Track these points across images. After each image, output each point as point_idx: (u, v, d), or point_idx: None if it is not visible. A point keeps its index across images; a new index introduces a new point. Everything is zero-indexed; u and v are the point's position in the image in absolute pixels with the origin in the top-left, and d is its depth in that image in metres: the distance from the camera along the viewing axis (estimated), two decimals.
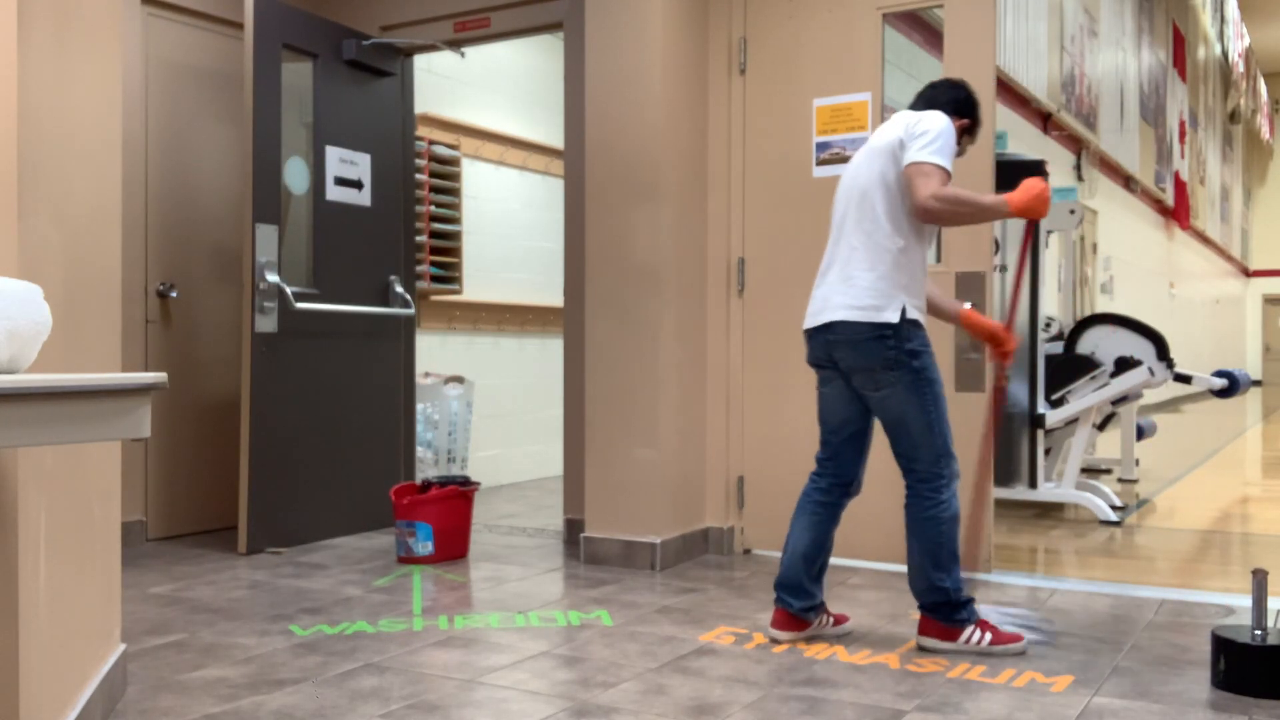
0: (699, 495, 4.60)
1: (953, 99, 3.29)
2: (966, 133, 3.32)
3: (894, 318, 3.11)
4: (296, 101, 4.82)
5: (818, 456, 3.36)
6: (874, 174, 3.19)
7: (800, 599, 3.27)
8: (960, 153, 3.29)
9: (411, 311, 5.24)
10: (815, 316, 3.25)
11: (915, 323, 3.16)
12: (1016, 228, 5.61)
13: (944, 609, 3.16)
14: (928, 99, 3.31)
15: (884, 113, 4.42)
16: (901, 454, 3.24)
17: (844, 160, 4.42)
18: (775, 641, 3.28)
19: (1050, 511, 5.76)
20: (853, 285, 3.17)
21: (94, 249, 2.47)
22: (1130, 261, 14.16)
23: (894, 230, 3.15)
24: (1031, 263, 5.59)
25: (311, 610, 3.63)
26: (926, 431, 3.18)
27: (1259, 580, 2.83)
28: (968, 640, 3.14)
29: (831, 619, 3.36)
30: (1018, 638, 3.16)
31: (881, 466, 4.36)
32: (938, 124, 3.11)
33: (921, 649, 3.19)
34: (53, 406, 1.53)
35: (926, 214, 3.08)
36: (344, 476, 4.98)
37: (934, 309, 3.40)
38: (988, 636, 3.14)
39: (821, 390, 3.33)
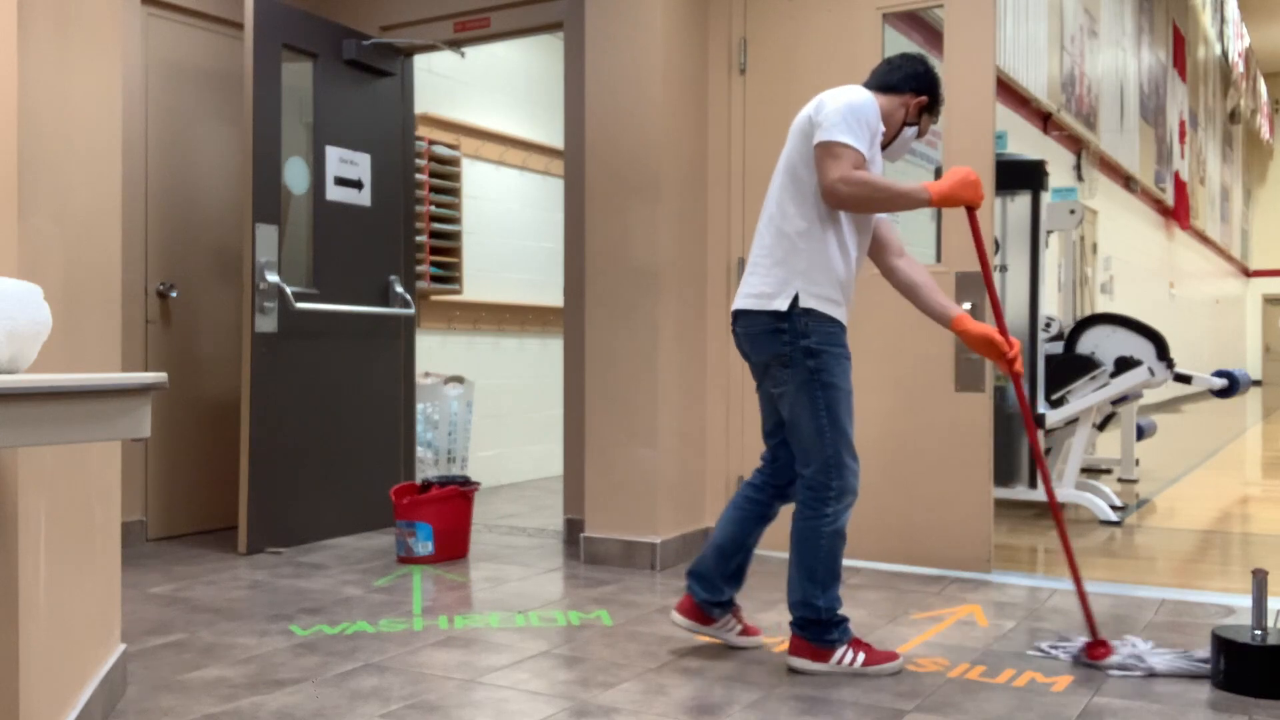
0: (699, 495, 4.60)
1: (910, 74, 3.08)
2: (927, 110, 3.11)
3: (783, 306, 2.91)
4: (296, 101, 4.82)
5: (761, 455, 3.22)
6: (784, 155, 3.03)
7: (707, 591, 3.13)
8: (921, 133, 3.13)
9: (411, 311, 5.24)
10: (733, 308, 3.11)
11: (815, 314, 2.92)
12: (1017, 229, 5.61)
13: (814, 628, 2.96)
14: (881, 76, 3.10)
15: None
16: (797, 458, 3.02)
17: None
18: (675, 624, 3.19)
19: (1050, 512, 5.76)
20: (754, 272, 3.01)
21: (94, 249, 2.47)
22: (1130, 261, 14.16)
23: (797, 213, 2.95)
24: (1031, 263, 5.59)
25: (311, 610, 3.63)
26: (816, 438, 2.94)
27: (1259, 580, 2.83)
28: (839, 661, 2.94)
29: (740, 626, 3.21)
30: (893, 656, 2.98)
31: (881, 467, 4.37)
32: (853, 99, 2.92)
33: (791, 670, 2.98)
34: (53, 406, 1.53)
35: (833, 198, 2.87)
36: (344, 476, 4.98)
37: (926, 309, 3.10)
38: (861, 656, 2.95)
39: (757, 388, 3.17)
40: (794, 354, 2.93)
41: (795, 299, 2.92)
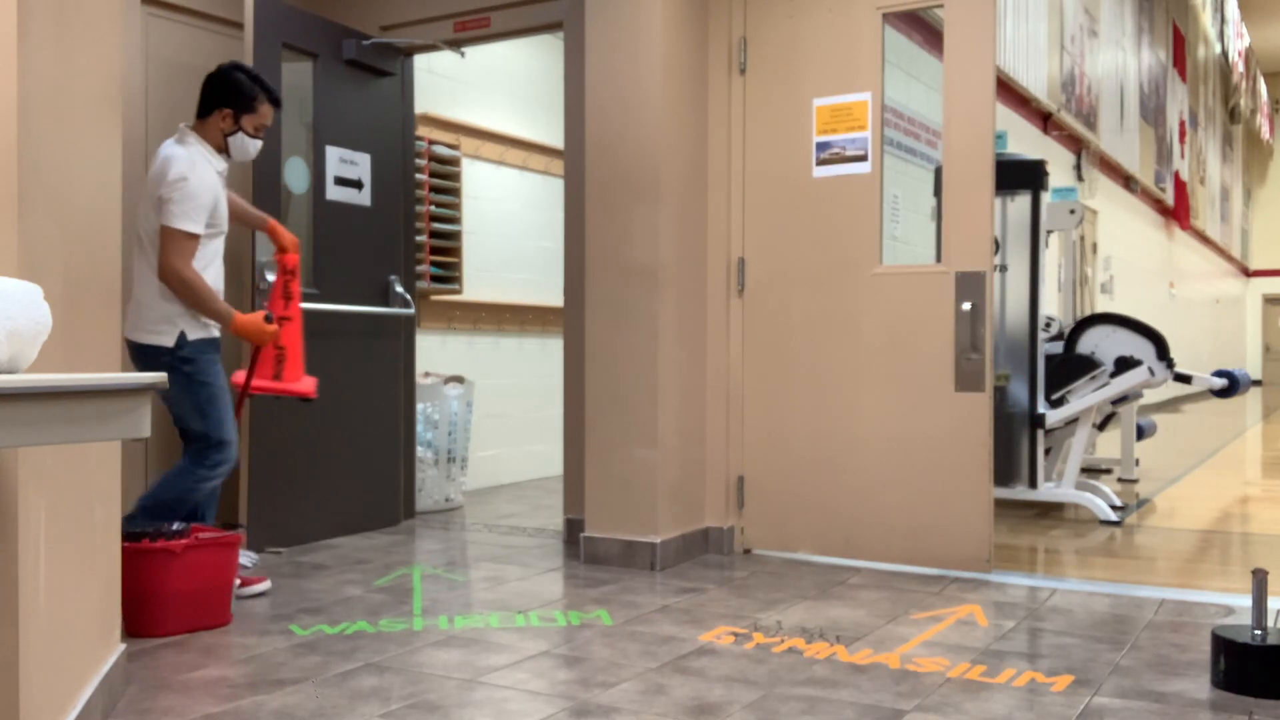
0: (699, 495, 4.60)
1: (206, 98, 3.68)
2: (243, 112, 3.67)
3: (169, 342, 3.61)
4: (296, 101, 4.82)
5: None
6: (146, 215, 3.62)
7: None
8: (254, 130, 3.71)
9: (411, 311, 5.24)
10: None
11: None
12: (1017, 229, 5.61)
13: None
14: (202, 101, 3.68)
15: (884, 113, 4.43)
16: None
17: (844, 160, 4.42)
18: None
19: (1050, 511, 5.76)
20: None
21: (94, 249, 2.47)
22: (1130, 261, 14.16)
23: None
24: (1031, 262, 5.59)
25: (311, 610, 3.63)
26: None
27: (1259, 580, 2.83)
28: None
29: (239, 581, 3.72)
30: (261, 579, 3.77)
31: (881, 467, 4.37)
32: (177, 174, 3.49)
33: None
34: (53, 406, 1.53)
35: (165, 282, 3.55)
36: (344, 476, 4.98)
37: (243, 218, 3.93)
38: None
39: None
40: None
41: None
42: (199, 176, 3.56)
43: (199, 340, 3.66)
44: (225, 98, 3.68)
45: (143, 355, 3.63)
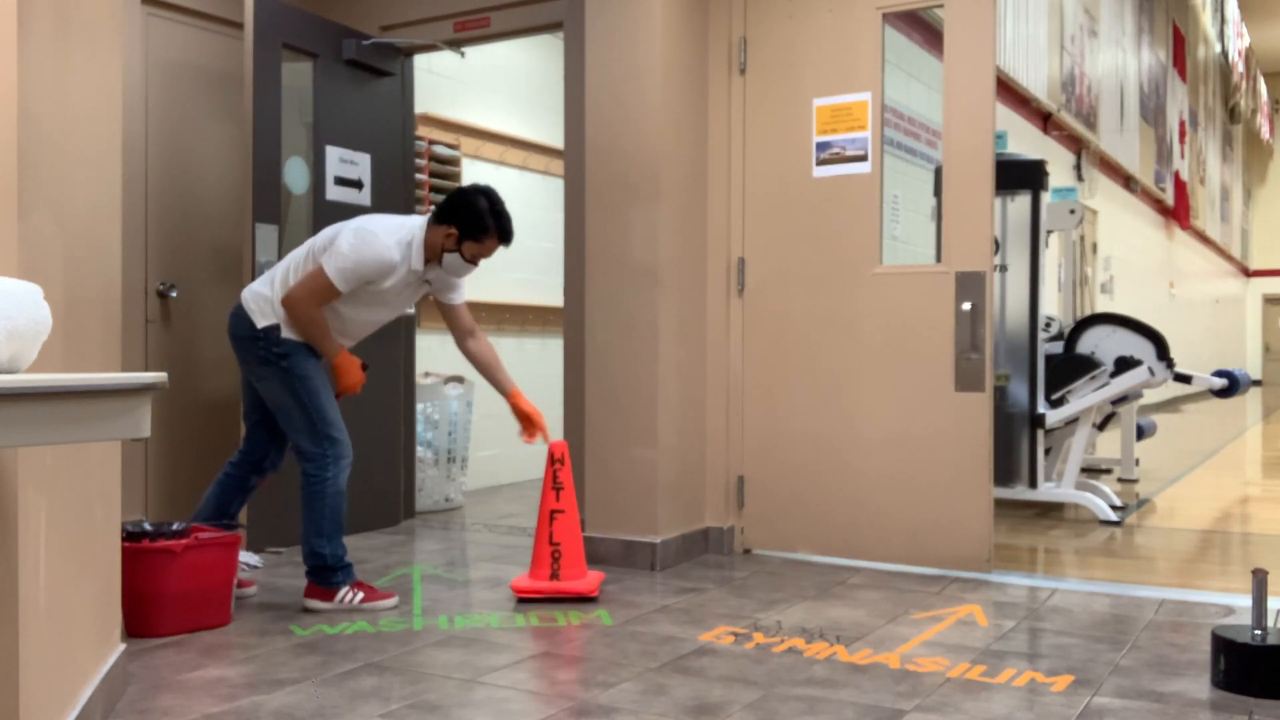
0: (699, 495, 4.60)
1: (445, 209, 3.66)
2: (466, 238, 3.63)
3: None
4: (296, 101, 4.82)
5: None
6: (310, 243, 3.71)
7: None
8: (468, 257, 3.66)
9: (412, 311, 5.24)
10: None
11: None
12: (1017, 228, 5.61)
13: (323, 573, 3.61)
14: (441, 207, 3.68)
15: (884, 113, 4.43)
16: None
17: (844, 160, 4.42)
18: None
19: (1050, 511, 5.76)
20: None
21: (94, 249, 2.47)
22: (1130, 261, 14.16)
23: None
24: (1031, 263, 5.59)
25: (311, 610, 3.63)
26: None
27: (1259, 580, 2.83)
28: (342, 600, 3.61)
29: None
30: (390, 594, 3.70)
31: (881, 466, 4.37)
32: (366, 244, 3.54)
33: (306, 610, 3.61)
34: (53, 406, 1.53)
35: (285, 305, 3.60)
36: None
37: (493, 382, 3.87)
38: (359, 595, 3.63)
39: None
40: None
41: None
42: (380, 260, 3.55)
43: (293, 340, 3.64)
44: (458, 218, 3.63)
45: (244, 338, 3.66)
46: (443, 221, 3.64)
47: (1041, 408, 5.56)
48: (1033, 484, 5.57)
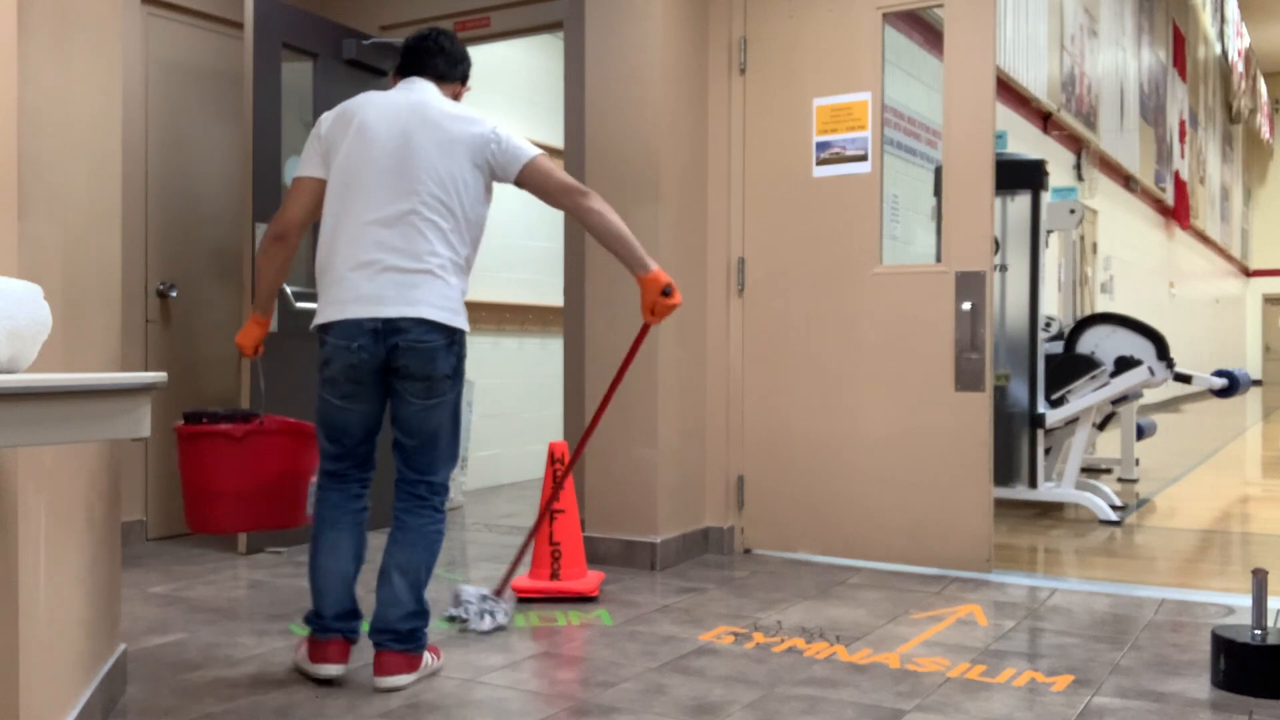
0: (699, 495, 4.60)
1: (464, 65, 3.11)
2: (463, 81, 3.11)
3: (465, 324, 2.87)
4: (296, 101, 4.82)
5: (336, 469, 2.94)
6: (461, 164, 2.90)
7: (358, 619, 2.93)
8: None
9: None
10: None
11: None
12: (1017, 228, 5.61)
13: (421, 635, 2.85)
14: (443, 69, 3.04)
15: (884, 113, 4.43)
16: (426, 464, 2.91)
17: (844, 160, 4.42)
18: (328, 681, 2.83)
19: (1050, 511, 5.76)
20: (435, 278, 2.81)
21: (94, 249, 2.46)
22: (1130, 261, 14.16)
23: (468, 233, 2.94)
24: (1031, 262, 5.59)
25: (394, 689, 3.61)
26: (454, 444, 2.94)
27: (1259, 580, 2.83)
28: (425, 665, 2.87)
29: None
30: (437, 652, 2.96)
31: (881, 467, 4.37)
32: (504, 130, 3.00)
33: (385, 690, 2.76)
34: (53, 406, 1.53)
35: (577, 211, 3.01)
36: None
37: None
38: (430, 656, 2.90)
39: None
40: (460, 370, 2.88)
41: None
42: None
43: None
44: (458, 71, 3.14)
45: (441, 342, 2.80)
46: (448, 80, 3.06)
47: (1041, 407, 5.56)
48: (1033, 484, 5.57)
